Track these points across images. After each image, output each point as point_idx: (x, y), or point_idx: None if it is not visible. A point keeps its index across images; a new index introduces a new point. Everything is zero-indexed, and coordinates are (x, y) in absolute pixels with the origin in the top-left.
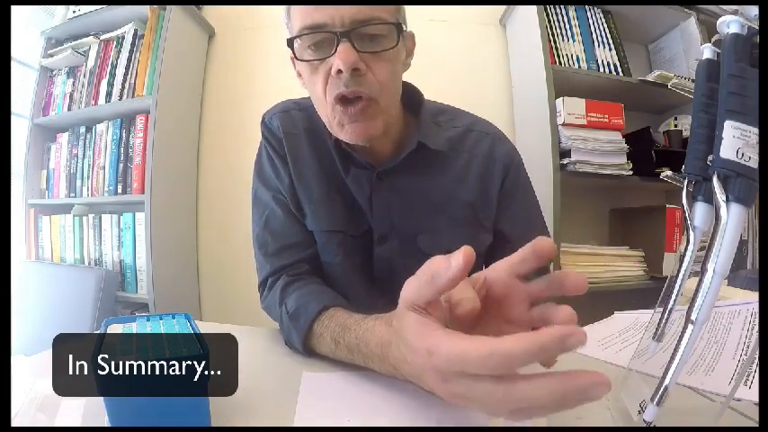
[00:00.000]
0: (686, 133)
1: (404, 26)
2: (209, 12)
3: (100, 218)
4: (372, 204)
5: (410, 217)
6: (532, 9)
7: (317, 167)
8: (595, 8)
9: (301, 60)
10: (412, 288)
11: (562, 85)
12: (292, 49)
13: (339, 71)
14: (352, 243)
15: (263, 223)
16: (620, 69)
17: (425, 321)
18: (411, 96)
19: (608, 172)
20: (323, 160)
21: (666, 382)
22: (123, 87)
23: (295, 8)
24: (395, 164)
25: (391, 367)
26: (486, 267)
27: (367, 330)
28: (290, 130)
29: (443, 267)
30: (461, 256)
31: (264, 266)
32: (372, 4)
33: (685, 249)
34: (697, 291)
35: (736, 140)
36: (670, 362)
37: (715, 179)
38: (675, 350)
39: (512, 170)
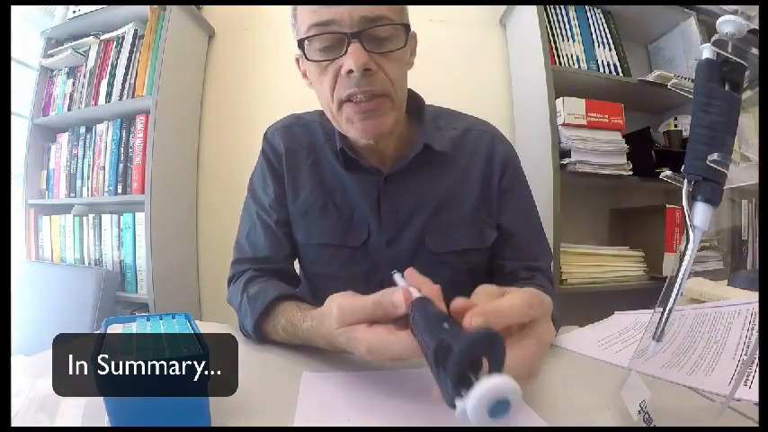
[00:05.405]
0: (686, 133)
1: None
2: (209, 12)
3: (100, 218)
4: (381, 208)
5: (418, 218)
6: (532, 9)
7: (316, 182)
8: (595, 8)
9: (311, 60)
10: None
11: (562, 85)
12: (303, 49)
13: (350, 71)
14: (350, 254)
15: (246, 233)
16: (620, 69)
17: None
18: (412, 101)
19: (608, 172)
20: (323, 175)
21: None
22: (123, 87)
23: (301, 8)
24: (402, 166)
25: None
26: (492, 261)
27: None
28: (291, 146)
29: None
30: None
31: (235, 267)
32: (378, 4)
33: (685, 249)
34: None
35: None
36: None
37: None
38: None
39: (510, 167)
